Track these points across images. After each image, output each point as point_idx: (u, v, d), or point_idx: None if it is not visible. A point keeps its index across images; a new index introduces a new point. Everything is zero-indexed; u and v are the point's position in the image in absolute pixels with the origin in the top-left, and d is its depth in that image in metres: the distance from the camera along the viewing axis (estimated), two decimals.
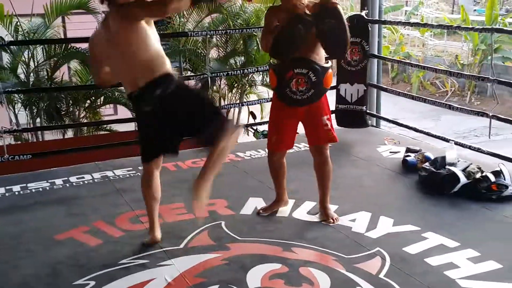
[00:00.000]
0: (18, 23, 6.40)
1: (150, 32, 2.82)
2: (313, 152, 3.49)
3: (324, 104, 3.38)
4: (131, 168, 4.48)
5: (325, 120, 3.36)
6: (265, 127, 4.31)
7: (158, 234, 3.17)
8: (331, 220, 3.44)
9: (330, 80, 3.34)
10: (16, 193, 4.08)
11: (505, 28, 5.92)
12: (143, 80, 2.81)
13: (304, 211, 3.61)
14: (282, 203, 3.64)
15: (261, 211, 3.60)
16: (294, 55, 3.25)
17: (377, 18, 5.58)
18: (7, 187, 4.15)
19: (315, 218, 3.50)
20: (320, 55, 3.29)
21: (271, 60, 6.36)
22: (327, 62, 3.36)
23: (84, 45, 6.53)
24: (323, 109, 3.37)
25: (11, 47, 6.37)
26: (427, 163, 4.16)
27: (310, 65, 3.24)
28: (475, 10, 19.89)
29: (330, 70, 3.32)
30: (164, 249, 3.11)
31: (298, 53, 3.23)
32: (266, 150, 4.85)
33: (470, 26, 6.75)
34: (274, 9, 3.46)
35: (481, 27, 5.34)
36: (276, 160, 3.53)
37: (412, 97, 5.68)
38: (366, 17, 5.31)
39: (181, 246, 3.15)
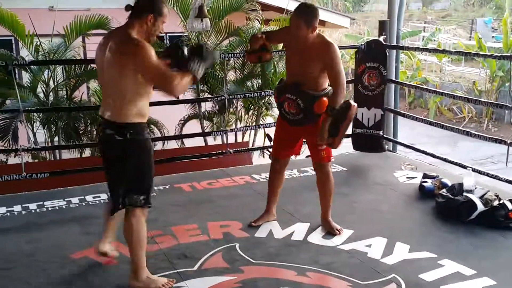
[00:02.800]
0: (39, 43, 6.52)
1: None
2: (314, 168, 3.68)
3: (319, 127, 3.43)
4: None
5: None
6: None
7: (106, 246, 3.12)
8: (336, 232, 3.59)
9: (322, 106, 3.37)
10: (33, 211, 4.11)
11: None
12: (110, 115, 2.74)
13: (319, 235, 3.58)
14: (271, 215, 3.75)
15: (253, 223, 3.69)
16: (291, 78, 3.44)
17: (394, 43, 5.60)
18: (24, 205, 4.19)
19: (330, 243, 3.48)
20: (319, 82, 3.37)
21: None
22: (324, 89, 3.40)
23: None
24: (317, 131, 3.42)
25: (32, 66, 6.48)
26: (444, 190, 4.12)
27: (299, 92, 3.38)
28: (493, 36, 19.84)
29: (324, 98, 3.37)
30: (177, 270, 3.10)
31: (296, 77, 3.39)
32: None
33: (489, 53, 6.72)
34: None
35: (499, 54, 5.31)
36: (276, 167, 3.69)
37: (430, 123, 5.64)
38: (384, 42, 5.33)
39: (195, 268, 3.14)
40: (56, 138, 6.66)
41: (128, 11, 2.74)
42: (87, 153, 6.90)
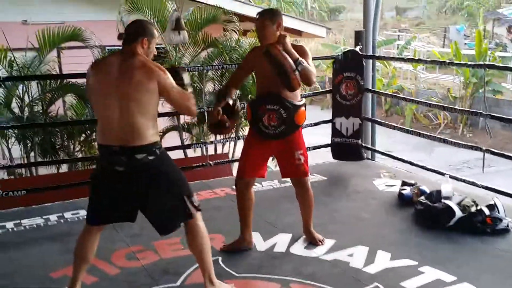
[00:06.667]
0: (13, 58, 6.42)
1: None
2: (293, 183, 3.61)
3: (297, 139, 3.45)
4: None
5: (298, 154, 3.44)
6: None
7: None
8: (319, 242, 3.59)
9: (302, 117, 3.42)
10: (10, 230, 4.03)
11: (496, 64, 6.02)
12: (131, 140, 2.65)
13: (302, 246, 3.59)
14: (245, 242, 3.57)
15: (222, 247, 3.57)
16: (268, 90, 3.35)
17: (371, 53, 5.67)
18: (0, 224, 4.11)
19: (313, 253, 3.48)
20: (295, 92, 3.33)
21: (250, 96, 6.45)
22: (301, 100, 3.42)
23: (80, 80, 6.57)
24: (296, 144, 3.44)
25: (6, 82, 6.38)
26: (422, 197, 4.18)
27: (281, 101, 3.32)
28: (465, 43, 20.22)
29: (302, 108, 3.40)
30: (160, 286, 3.08)
31: (272, 88, 3.31)
32: (262, 183, 4.92)
33: (463, 62, 6.84)
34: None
35: (473, 63, 5.42)
36: (241, 188, 3.52)
37: (407, 131, 5.72)
38: (361, 52, 5.39)
39: (178, 283, 3.12)
40: (32, 154, 6.56)
41: (121, 39, 2.78)
42: (64, 168, 6.81)
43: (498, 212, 3.83)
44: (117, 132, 2.66)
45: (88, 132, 6.81)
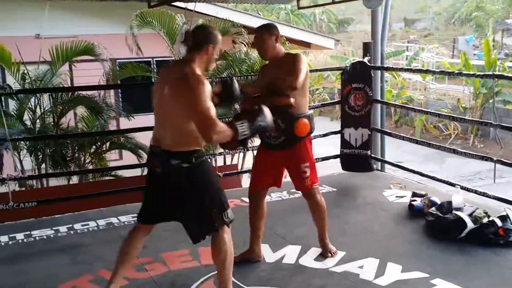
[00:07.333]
0: (25, 71, 6.50)
1: None
2: (303, 195, 3.56)
3: (302, 151, 3.39)
4: (135, 215, 4.42)
5: (303, 167, 3.39)
6: None
7: None
8: (329, 255, 3.56)
9: (303, 128, 3.35)
10: (20, 241, 4.05)
11: (505, 74, 5.98)
12: (170, 145, 2.69)
13: (311, 258, 3.57)
14: (254, 254, 3.55)
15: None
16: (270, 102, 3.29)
17: (379, 64, 5.67)
18: (11, 235, 4.13)
19: (322, 265, 3.46)
20: (298, 103, 3.27)
21: None
22: (305, 112, 3.35)
23: (90, 92, 6.62)
24: (301, 156, 3.39)
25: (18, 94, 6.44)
26: (433, 208, 4.15)
27: (279, 112, 3.21)
28: (474, 54, 20.17)
29: (304, 119, 3.33)
30: None
31: (272, 100, 3.26)
32: (271, 194, 4.90)
33: (472, 72, 6.82)
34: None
35: (482, 73, 5.40)
36: (251, 197, 3.54)
37: (417, 142, 5.68)
38: (369, 64, 5.39)
39: None
40: (43, 165, 6.60)
41: (186, 46, 2.81)
42: (74, 179, 6.85)
43: (511, 223, 3.79)
44: (160, 134, 2.75)
45: (99, 143, 6.85)
